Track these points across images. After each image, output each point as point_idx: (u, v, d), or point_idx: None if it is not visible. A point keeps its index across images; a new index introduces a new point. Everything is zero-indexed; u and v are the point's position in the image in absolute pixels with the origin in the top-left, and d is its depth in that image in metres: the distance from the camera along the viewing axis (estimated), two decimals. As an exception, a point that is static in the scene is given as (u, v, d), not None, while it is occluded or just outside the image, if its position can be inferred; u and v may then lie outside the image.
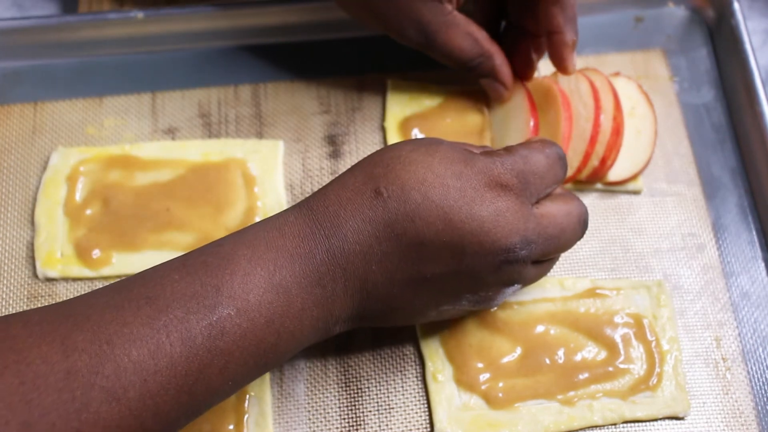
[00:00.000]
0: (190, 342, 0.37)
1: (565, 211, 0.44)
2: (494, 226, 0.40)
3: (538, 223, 0.42)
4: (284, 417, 0.49)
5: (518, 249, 0.41)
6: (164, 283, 0.38)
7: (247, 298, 0.38)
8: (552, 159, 0.44)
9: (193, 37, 0.60)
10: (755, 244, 0.55)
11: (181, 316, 0.37)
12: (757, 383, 0.51)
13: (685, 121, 0.59)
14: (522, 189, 0.42)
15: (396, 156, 0.42)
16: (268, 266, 0.39)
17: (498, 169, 0.41)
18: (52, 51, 0.59)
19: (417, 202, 0.40)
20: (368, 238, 0.40)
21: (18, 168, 0.56)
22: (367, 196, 0.41)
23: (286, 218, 0.42)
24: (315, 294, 0.40)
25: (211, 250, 0.40)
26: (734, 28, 0.59)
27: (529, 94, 0.56)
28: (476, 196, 0.40)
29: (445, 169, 0.41)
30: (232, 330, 0.38)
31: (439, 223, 0.40)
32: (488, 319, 0.51)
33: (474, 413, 0.49)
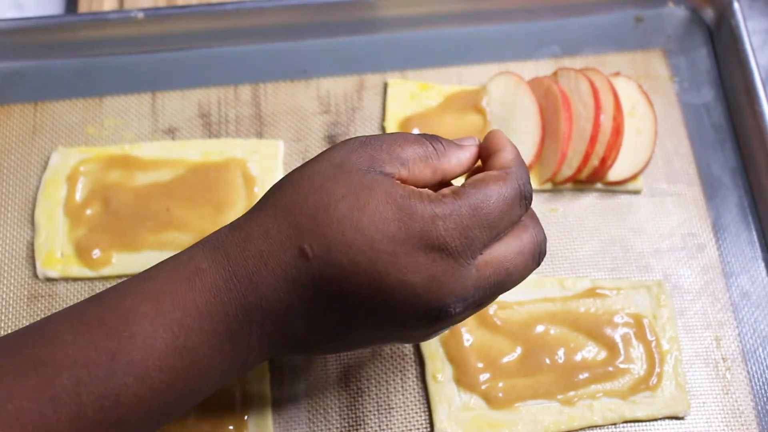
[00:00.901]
0: (80, 416, 0.34)
1: (516, 251, 0.39)
2: (426, 292, 0.36)
3: (479, 277, 0.38)
4: (284, 417, 0.49)
5: (452, 309, 0.37)
6: (55, 344, 0.35)
7: (146, 364, 0.35)
8: (509, 201, 0.38)
9: (193, 37, 0.60)
10: (755, 244, 0.55)
11: (71, 387, 0.34)
12: (757, 383, 0.51)
13: (685, 121, 0.59)
14: (464, 249, 0.37)
15: (324, 205, 0.37)
16: (173, 327, 0.36)
17: (439, 230, 0.36)
18: (52, 51, 0.59)
19: (344, 266, 0.36)
20: (290, 297, 0.37)
21: (18, 168, 0.56)
22: (291, 254, 0.37)
23: (198, 265, 0.37)
24: (225, 350, 0.37)
25: (109, 303, 0.37)
26: (734, 28, 0.59)
27: (534, 94, 0.56)
28: (409, 263, 0.36)
29: (376, 232, 0.36)
30: (128, 400, 0.35)
31: (367, 289, 0.36)
32: (488, 319, 0.51)
33: (474, 413, 0.49)
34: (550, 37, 0.61)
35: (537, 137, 0.55)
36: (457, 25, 0.61)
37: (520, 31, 0.62)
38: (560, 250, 0.54)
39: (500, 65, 0.60)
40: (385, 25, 0.61)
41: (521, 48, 0.61)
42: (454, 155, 0.40)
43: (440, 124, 0.57)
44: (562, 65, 0.60)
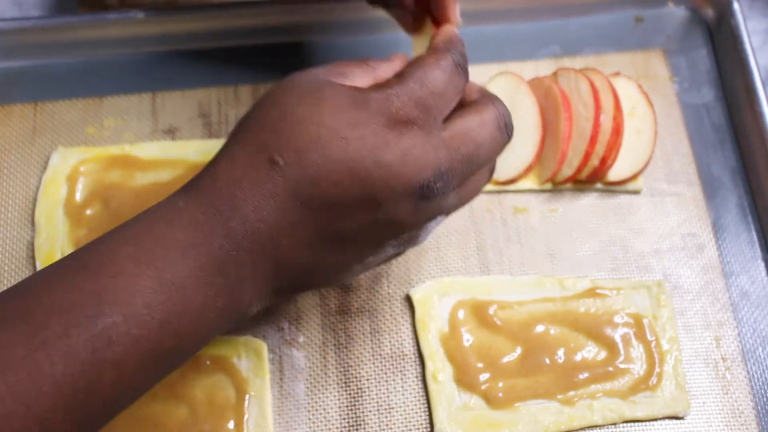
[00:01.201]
0: (74, 357, 0.33)
1: (478, 122, 0.40)
2: (403, 167, 0.37)
3: (449, 147, 0.39)
4: (284, 417, 0.49)
5: (432, 183, 0.38)
6: (40, 293, 0.34)
7: (134, 301, 0.34)
8: (449, 71, 0.39)
9: (193, 37, 0.60)
10: (755, 244, 0.55)
11: (60, 330, 0.33)
12: (756, 383, 0.51)
13: (685, 121, 0.59)
14: (425, 118, 0.38)
15: (281, 115, 0.37)
16: (156, 263, 0.35)
17: (395, 104, 0.38)
18: (52, 51, 0.59)
19: (317, 164, 0.36)
20: (273, 213, 0.37)
21: (18, 168, 0.56)
22: (262, 169, 0.37)
23: (174, 204, 0.37)
24: (216, 284, 0.36)
25: (91, 249, 0.36)
26: (734, 28, 0.59)
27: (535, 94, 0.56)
28: (378, 141, 0.37)
29: (337, 120, 0.37)
30: (121, 339, 0.34)
31: (346, 180, 0.36)
32: (488, 319, 0.51)
33: (474, 413, 0.49)
34: (550, 37, 0.61)
35: (537, 137, 0.55)
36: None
37: (520, 31, 0.62)
38: (560, 250, 0.54)
39: (500, 65, 0.60)
40: (385, 25, 0.61)
41: (521, 48, 0.61)
42: (388, 66, 0.42)
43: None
44: (562, 65, 0.60)
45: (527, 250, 0.54)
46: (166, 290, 0.35)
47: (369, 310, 0.52)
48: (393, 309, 0.52)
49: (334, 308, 0.52)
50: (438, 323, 0.51)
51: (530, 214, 0.55)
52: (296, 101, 0.38)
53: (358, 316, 0.52)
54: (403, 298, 0.52)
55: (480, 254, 0.54)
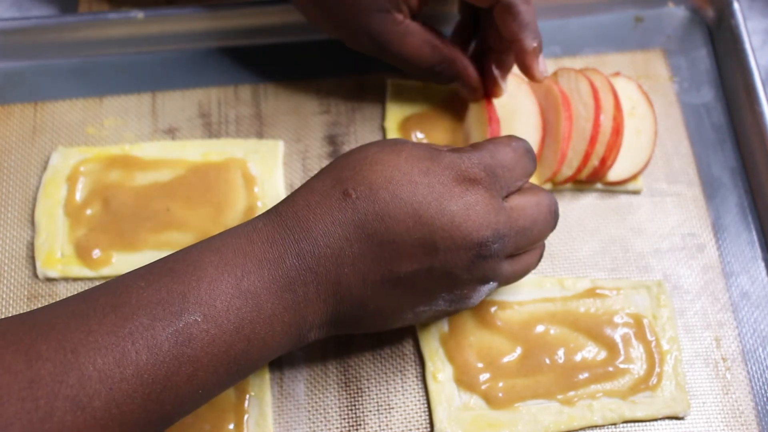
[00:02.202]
0: (157, 349, 0.36)
1: (535, 203, 0.44)
2: (465, 220, 0.40)
3: (509, 216, 0.42)
4: (284, 417, 0.49)
5: (490, 242, 0.41)
6: (130, 290, 0.38)
7: (214, 304, 0.38)
8: (519, 152, 0.44)
9: (193, 37, 0.60)
10: (755, 244, 0.55)
11: (147, 323, 0.36)
12: (757, 383, 0.51)
13: (685, 121, 0.59)
14: (491, 182, 0.42)
15: (363, 157, 0.42)
16: (236, 272, 0.39)
17: (465, 164, 0.41)
18: (52, 51, 0.59)
19: (386, 201, 0.40)
20: (339, 240, 0.40)
21: (18, 168, 0.56)
22: (336, 199, 0.40)
23: (255, 225, 0.41)
24: (286, 299, 0.40)
25: (178, 257, 0.40)
26: (734, 28, 0.59)
27: (535, 94, 0.56)
28: (445, 191, 0.40)
29: (411, 167, 0.41)
30: (200, 336, 0.37)
31: (410, 221, 0.40)
32: (488, 319, 0.51)
33: (474, 413, 0.49)
34: (550, 37, 0.61)
35: (537, 137, 0.55)
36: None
37: (520, 31, 0.62)
38: (560, 250, 0.54)
39: (500, 65, 0.60)
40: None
41: (521, 48, 0.61)
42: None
43: (440, 124, 0.57)
44: (562, 65, 0.60)
45: (527, 250, 0.54)
46: (242, 297, 0.39)
47: (369, 310, 0.52)
48: (393, 309, 0.52)
49: (334, 308, 0.52)
50: (438, 323, 0.51)
51: (530, 214, 0.55)
52: (378, 148, 0.42)
53: (358, 316, 0.52)
54: (403, 298, 0.52)
55: (480, 254, 0.54)
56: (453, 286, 0.42)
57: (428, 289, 0.42)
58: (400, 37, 0.52)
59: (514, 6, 0.49)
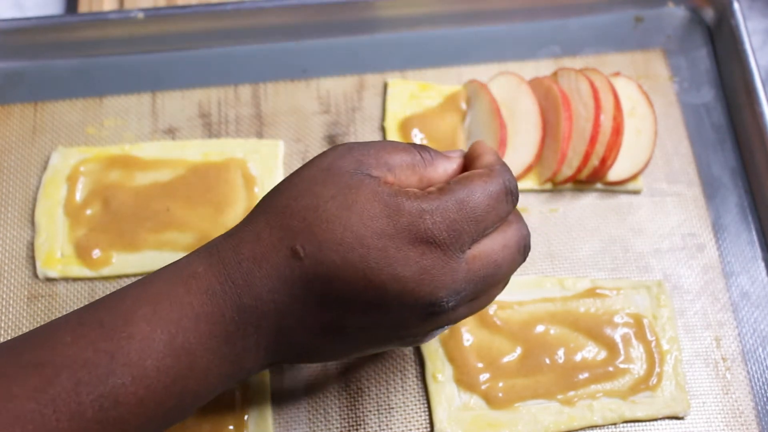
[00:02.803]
0: (79, 416, 0.34)
1: (502, 245, 0.40)
2: (417, 285, 0.37)
3: (469, 270, 0.38)
4: (284, 417, 0.49)
5: (445, 302, 0.38)
6: (55, 346, 0.36)
7: (144, 364, 0.36)
8: (495, 197, 0.39)
9: (193, 37, 0.60)
10: (755, 244, 0.55)
11: (70, 387, 0.34)
12: (757, 383, 0.51)
13: (685, 121, 0.59)
14: (452, 242, 0.38)
15: (313, 207, 0.38)
16: (170, 328, 0.36)
17: (425, 224, 0.37)
18: (52, 51, 0.59)
19: (335, 264, 0.37)
20: (284, 297, 0.38)
21: (18, 168, 0.56)
22: (283, 255, 0.37)
23: (195, 270, 0.38)
24: (222, 353, 0.38)
25: (109, 305, 0.38)
26: (734, 28, 0.59)
27: (535, 94, 0.56)
28: (399, 257, 0.37)
29: (364, 228, 0.37)
30: (127, 399, 0.35)
31: (359, 284, 0.37)
32: (488, 319, 0.51)
33: (474, 413, 0.49)
34: (550, 37, 0.61)
35: (537, 137, 0.55)
36: (457, 25, 0.61)
37: (520, 31, 0.62)
38: (560, 250, 0.54)
39: (500, 65, 0.60)
40: (385, 25, 0.61)
41: (521, 48, 0.61)
42: (440, 165, 0.41)
43: (440, 124, 0.57)
44: (562, 65, 0.60)
45: (527, 250, 0.54)
46: (175, 355, 0.36)
47: (369, 310, 0.52)
48: (393, 309, 0.52)
49: (334, 308, 0.52)
50: (438, 323, 0.51)
51: (530, 214, 0.55)
52: (331, 195, 0.38)
53: (358, 316, 0.52)
54: (403, 298, 0.52)
55: (480, 254, 0.54)
56: (404, 335, 0.40)
57: (377, 339, 0.41)
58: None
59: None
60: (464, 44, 0.61)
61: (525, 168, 0.55)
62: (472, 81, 0.58)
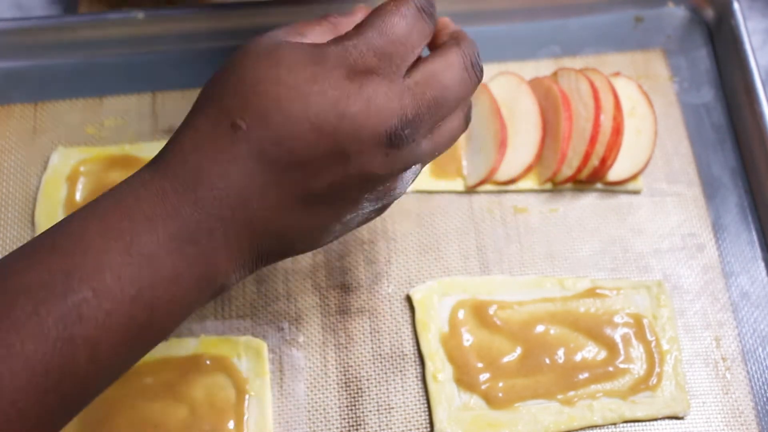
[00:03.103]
0: (44, 337, 0.33)
1: (444, 65, 0.39)
2: (367, 117, 0.36)
3: (414, 94, 0.38)
4: (284, 417, 0.49)
5: (400, 131, 0.37)
6: (9, 275, 0.34)
7: (103, 276, 0.34)
8: (411, 17, 0.39)
9: (193, 37, 0.60)
10: (755, 244, 0.55)
11: (30, 310, 0.33)
12: (756, 383, 0.51)
13: (685, 121, 0.59)
14: (385, 66, 0.37)
15: (240, 79, 0.37)
16: (124, 237, 0.35)
17: (354, 55, 0.37)
18: (52, 51, 0.59)
19: (279, 123, 0.36)
20: (240, 177, 0.36)
21: (18, 168, 0.56)
22: (226, 134, 0.36)
23: (142, 178, 0.37)
24: (187, 253, 0.36)
25: (59, 230, 0.36)
26: (734, 28, 0.59)
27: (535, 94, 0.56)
28: (340, 94, 0.36)
29: (296, 77, 0.36)
30: (92, 314, 0.34)
31: (311, 136, 0.36)
32: (488, 319, 0.51)
33: (474, 413, 0.49)
34: (550, 37, 0.61)
35: (537, 137, 0.55)
36: (457, 25, 0.61)
37: (520, 31, 0.62)
38: (560, 250, 0.54)
39: (500, 65, 0.60)
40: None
41: (521, 48, 0.61)
42: (349, 21, 0.41)
43: (440, 124, 0.57)
44: (562, 65, 0.60)
45: (527, 250, 0.54)
46: (135, 262, 0.35)
47: (369, 311, 0.52)
48: (393, 309, 0.52)
49: (334, 308, 0.52)
50: (438, 323, 0.51)
51: (530, 214, 0.55)
52: (253, 63, 0.37)
53: (358, 316, 0.52)
54: (403, 299, 0.52)
55: (480, 254, 0.54)
56: (373, 184, 0.39)
57: (350, 197, 0.39)
58: None
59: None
60: (464, 44, 0.61)
61: (525, 168, 0.55)
62: None
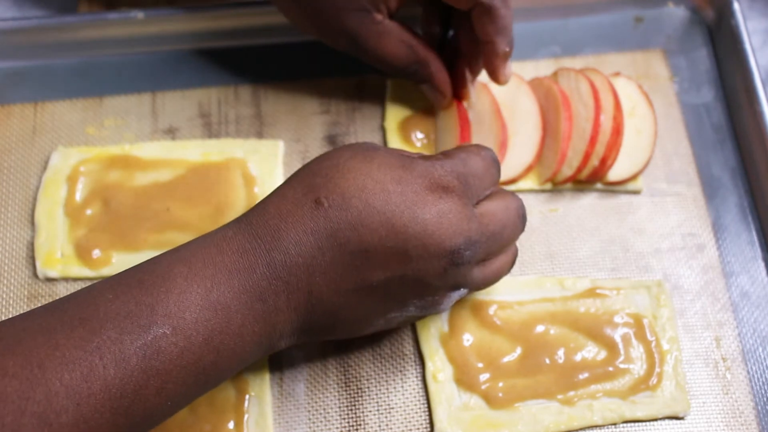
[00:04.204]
0: (125, 363, 0.36)
1: (504, 207, 0.44)
2: (438, 228, 0.40)
3: (480, 223, 0.42)
4: (284, 417, 0.49)
5: (463, 249, 0.41)
6: (98, 303, 0.37)
7: (183, 316, 0.37)
8: (488, 161, 0.44)
9: (193, 37, 0.60)
10: (755, 244, 0.55)
11: (115, 336, 0.36)
12: (757, 383, 0.51)
13: (685, 121, 0.59)
14: (463, 190, 0.42)
15: (334, 165, 0.41)
16: (205, 283, 0.38)
17: (438, 172, 0.41)
18: (52, 51, 0.59)
19: (358, 210, 0.40)
20: (311, 250, 0.40)
21: (18, 168, 0.56)
22: (308, 207, 0.40)
23: (225, 233, 0.41)
24: (255, 309, 0.39)
25: (146, 268, 0.40)
26: (734, 28, 0.59)
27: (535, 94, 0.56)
28: (418, 200, 0.40)
29: (384, 175, 0.40)
30: (168, 349, 0.37)
31: (382, 229, 0.39)
32: (488, 319, 0.51)
33: (474, 413, 0.49)
34: (550, 37, 0.61)
35: (537, 137, 0.55)
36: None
37: (520, 31, 0.61)
38: (560, 250, 0.54)
39: (500, 65, 0.60)
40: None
41: (521, 48, 0.61)
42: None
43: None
44: (562, 65, 0.60)
45: (527, 250, 0.54)
46: (212, 308, 0.38)
47: (369, 310, 0.52)
48: (393, 309, 0.52)
49: (334, 308, 0.52)
50: (438, 323, 0.51)
51: (530, 214, 0.55)
52: (350, 155, 0.42)
53: (358, 316, 0.52)
54: (403, 298, 0.52)
55: (480, 254, 0.54)
56: (424, 292, 0.42)
57: (400, 296, 0.42)
58: (377, 36, 0.51)
59: (494, 9, 0.49)
60: (464, 44, 0.61)
61: (525, 168, 0.55)
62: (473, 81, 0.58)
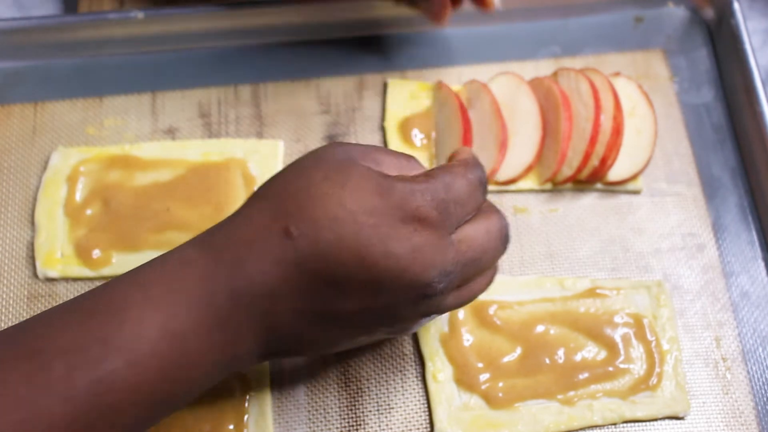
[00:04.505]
0: (72, 401, 0.34)
1: (485, 230, 0.41)
2: (411, 263, 0.37)
3: (457, 251, 0.40)
4: (284, 417, 0.49)
5: (436, 283, 0.39)
6: (49, 334, 0.36)
7: (138, 348, 0.35)
8: (473, 185, 0.41)
9: (193, 37, 0.60)
10: (755, 244, 0.55)
11: (64, 373, 0.34)
12: (757, 383, 0.51)
13: (685, 121, 0.59)
14: (441, 220, 0.39)
15: (304, 188, 0.38)
16: (162, 312, 0.36)
17: (417, 202, 0.38)
18: (52, 51, 0.59)
19: (329, 242, 0.37)
20: (276, 280, 0.37)
21: (18, 168, 0.56)
22: (276, 236, 0.37)
23: (187, 256, 0.39)
24: (215, 339, 0.38)
25: (102, 294, 0.38)
26: (734, 28, 0.59)
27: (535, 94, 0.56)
28: (392, 233, 0.37)
29: (357, 205, 0.37)
30: (121, 385, 0.35)
31: (352, 263, 0.37)
32: (488, 319, 0.51)
33: (474, 413, 0.49)
34: (550, 37, 0.61)
35: (537, 137, 0.55)
36: (457, 25, 0.61)
37: (520, 31, 0.62)
38: (560, 250, 0.54)
39: (500, 65, 0.60)
40: (385, 25, 0.61)
41: (521, 48, 0.61)
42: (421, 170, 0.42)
43: (440, 124, 0.57)
44: (562, 65, 0.60)
45: (527, 250, 0.54)
46: (168, 339, 0.36)
47: (369, 310, 0.52)
48: (393, 309, 0.52)
49: (334, 308, 0.52)
50: (438, 323, 0.51)
51: (530, 214, 0.55)
52: (323, 176, 0.38)
53: (358, 316, 0.52)
54: (403, 298, 0.52)
55: (480, 254, 0.54)
56: (394, 321, 0.41)
57: (367, 324, 0.41)
58: None
59: None
60: (464, 44, 0.61)
61: (525, 168, 0.55)
62: (473, 81, 0.58)
